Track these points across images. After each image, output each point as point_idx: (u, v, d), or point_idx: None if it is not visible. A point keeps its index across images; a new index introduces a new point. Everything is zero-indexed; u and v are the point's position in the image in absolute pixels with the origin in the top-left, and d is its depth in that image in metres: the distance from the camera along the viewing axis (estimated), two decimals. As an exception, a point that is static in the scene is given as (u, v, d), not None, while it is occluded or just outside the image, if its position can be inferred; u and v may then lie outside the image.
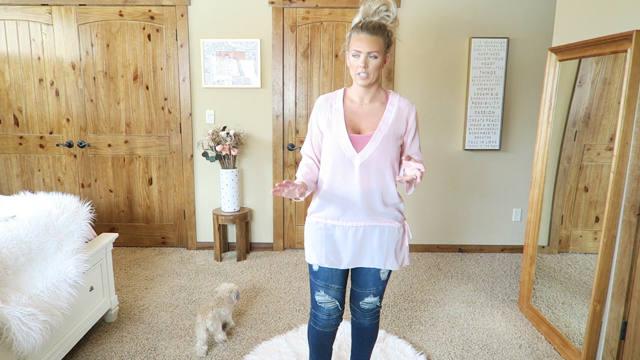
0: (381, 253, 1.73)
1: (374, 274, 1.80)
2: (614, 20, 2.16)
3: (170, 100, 3.71)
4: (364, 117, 1.71)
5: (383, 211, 1.71)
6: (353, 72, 1.67)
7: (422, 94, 3.69)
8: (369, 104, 1.73)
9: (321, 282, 1.79)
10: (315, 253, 1.75)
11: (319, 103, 1.77)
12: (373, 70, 1.64)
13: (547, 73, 2.63)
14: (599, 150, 2.49)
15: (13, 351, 1.77)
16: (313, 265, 1.79)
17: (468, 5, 3.56)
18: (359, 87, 1.71)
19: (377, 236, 1.72)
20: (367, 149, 1.66)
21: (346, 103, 1.74)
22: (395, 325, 2.70)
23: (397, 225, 1.74)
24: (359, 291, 1.85)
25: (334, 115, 1.71)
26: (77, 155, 3.80)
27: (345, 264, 1.74)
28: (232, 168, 3.61)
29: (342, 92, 1.78)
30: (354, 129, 1.70)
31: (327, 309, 1.82)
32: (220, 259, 3.71)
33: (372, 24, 1.61)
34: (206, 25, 3.60)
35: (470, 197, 3.84)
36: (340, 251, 1.74)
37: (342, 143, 1.67)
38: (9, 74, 3.67)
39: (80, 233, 2.33)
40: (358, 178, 1.66)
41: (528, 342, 2.53)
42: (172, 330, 2.61)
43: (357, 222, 1.71)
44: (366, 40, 1.60)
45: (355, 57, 1.63)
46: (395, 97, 1.76)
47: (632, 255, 2.04)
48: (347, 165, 1.67)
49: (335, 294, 1.80)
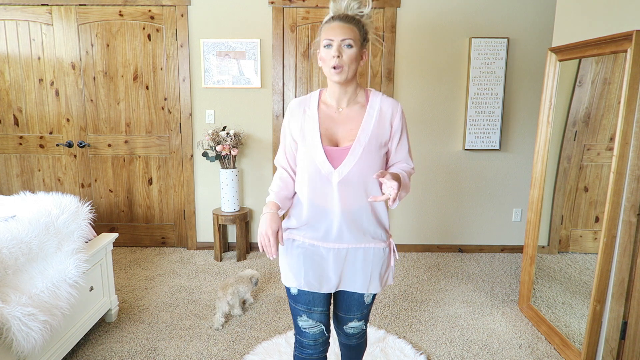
0: (364, 277, 1.55)
1: (358, 299, 1.63)
2: (614, 20, 2.16)
3: (170, 100, 3.71)
4: (342, 124, 1.50)
5: (368, 231, 1.52)
6: (326, 68, 1.45)
7: (422, 94, 3.69)
8: (347, 108, 1.52)
9: (302, 306, 1.61)
10: (293, 275, 1.56)
11: (291, 108, 1.56)
12: (349, 62, 1.42)
13: (547, 73, 2.63)
14: (599, 150, 2.49)
15: (13, 351, 1.77)
16: (291, 288, 1.60)
17: (468, 6, 3.56)
18: (334, 87, 1.49)
19: (361, 259, 1.54)
20: (345, 164, 1.45)
21: (321, 108, 1.53)
22: (395, 325, 2.70)
23: (382, 245, 1.55)
24: (342, 315, 1.69)
25: (308, 123, 1.51)
26: (77, 155, 3.80)
27: (326, 289, 1.56)
28: (232, 168, 3.61)
29: (317, 95, 1.56)
30: (331, 139, 1.49)
31: (312, 334, 1.63)
32: (220, 259, 3.70)
33: (344, 14, 1.45)
34: (206, 25, 3.60)
35: (470, 197, 3.84)
36: (320, 274, 1.55)
37: (317, 158, 1.47)
38: (9, 74, 3.67)
39: (80, 233, 2.33)
40: (337, 197, 1.47)
41: (528, 342, 2.53)
42: (172, 330, 2.61)
43: (339, 243, 1.52)
44: (339, 27, 1.42)
45: (327, 47, 1.43)
46: (376, 97, 1.53)
47: (632, 255, 2.04)
48: (324, 182, 1.47)
49: (319, 317, 1.62)
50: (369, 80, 3.65)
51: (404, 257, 3.79)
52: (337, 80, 1.44)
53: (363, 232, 1.52)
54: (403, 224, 3.89)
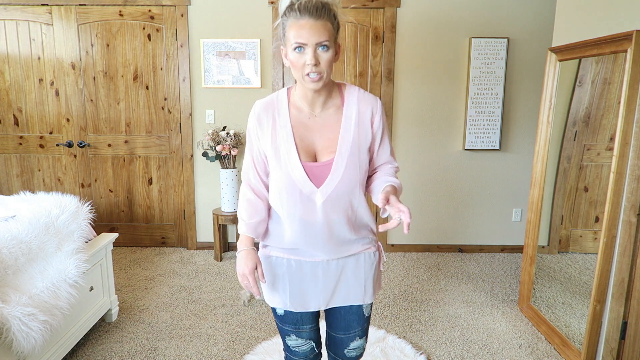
0: (358, 286, 1.41)
1: (356, 312, 1.46)
2: (614, 20, 2.16)
3: (170, 100, 3.71)
4: (318, 132, 1.32)
5: (355, 238, 1.39)
6: (298, 73, 1.25)
7: (422, 94, 3.69)
8: (322, 112, 1.33)
9: (290, 326, 1.48)
10: (279, 295, 1.42)
11: (257, 113, 1.34)
12: (326, 67, 1.23)
13: (547, 73, 2.63)
14: (599, 150, 2.49)
15: (13, 351, 1.77)
16: (277, 309, 1.47)
17: (468, 6, 3.56)
18: (308, 91, 1.29)
19: (352, 267, 1.41)
20: (328, 183, 1.30)
21: (292, 113, 1.33)
22: (395, 325, 2.70)
23: (372, 249, 1.43)
24: (341, 336, 1.50)
25: (280, 133, 1.31)
26: (77, 155, 3.80)
27: (314, 306, 1.42)
28: (232, 168, 3.61)
29: (285, 97, 1.35)
30: (308, 152, 1.31)
31: (302, 352, 1.53)
32: (220, 258, 3.71)
33: (311, 4, 1.20)
34: (206, 25, 3.60)
35: (470, 197, 3.84)
36: (307, 292, 1.40)
37: (296, 176, 1.29)
38: (9, 74, 3.67)
39: (80, 233, 2.33)
40: (321, 213, 1.31)
41: (528, 342, 2.53)
42: (172, 330, 2.61)
43: (325, 255, 1.37)
44: (310, 27, 1.19)
45: (299, 51, 1.22)
46: (352, 94, 1.34)
47: (632, 255, 2.04)
48: (305, 201, 1.31)
49: (308, 335, 1.50)
50: (368, 80, 3.65)
51: (404, 257, 3.79)
52: (314, 87, 1.25)
53: (350, 240, 1.38)
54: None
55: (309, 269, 1.39)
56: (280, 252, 1.41)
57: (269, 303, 1.47)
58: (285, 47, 1.27)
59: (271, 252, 1.43)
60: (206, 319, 2.74)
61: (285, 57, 1.29)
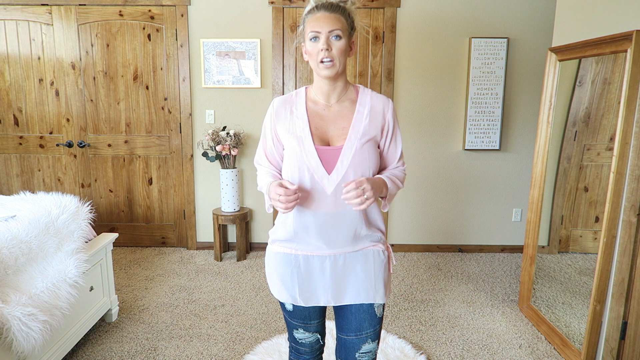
0: (368, 283, 1.42)
1: (368, 311, 1.45)
2: (614, 20, 2.16)
3: (170, 100, 3.71)
4: (332, 121, 1.41)
5: (365, 233, 1.42)
6: (314, 62, 1.35)
7: (422, 94, 3.69)
8: (337, 104, 1.42)
9: (298, 321, 1.52)
10: (287, 290, 1.45)
11: (275, 109, 1.44)
12: (338, 55, 1.32)
13: (547, 73, 2.63)
14: (599, 150, 2.49)
15: (13, 351, 1.77)
16: (285, 303, 1.50)
17: (468, 5, 3.56)
18: (323, 82, 1.39)
19: (361, 263, 1.42)
20: (338, 168, 1.35)
21: (309, 106, 1.42)
22: (395, 325, 2.70)
23: (381, 247, 1.45)
24: (352, 339, 1.47)
25: (297, 123, 1.40)
26: (77, 155, 3.80)
27: (324, 301, 1.44)
28: (232, 168, 3.61)
29: (303, 93, 1.45)
30: (322, 138, 1.39)
31: (309, 343, 1.57)
32: (220, 259, 3.71)
33: (328, 3, 1.35)
34: (206, 25, 3.60)
35: (470, 197, 3.84)
36: (316, 287, 1.43)
37: (310, 162, 1.36)
38: (9, 74, 3.67)
39: (80, 233, 2.33)
40: (332, 202, 1.36)
41: (528, 342, 2.53)
42: (172, 330, 2.61)
43: (334, 249, 1.40)
44: (324, 17, 1.32)
45: (314, 40, 1.33)
46: (366, 94, 1.44)
47: (632, 255, 2.04)
48: (316, 188, 1.36)
49: (316, 329, 1.55)
50: (369, 80, 3.65)
51: (403, 257, 3.79)
52: (327, 74, 1.34)
53: (360, 235, 1.41)
54: (403, 224, 3.89)
55: (317, 263, 1.42)
56: (289, 247, 1.44)
57: (278, 298, 1.48)
58: (304, 43, 1.38)
59: (280, 249, 1.46)
60: (206, 319, 2.74)
61: (304, 53, 1.41)
